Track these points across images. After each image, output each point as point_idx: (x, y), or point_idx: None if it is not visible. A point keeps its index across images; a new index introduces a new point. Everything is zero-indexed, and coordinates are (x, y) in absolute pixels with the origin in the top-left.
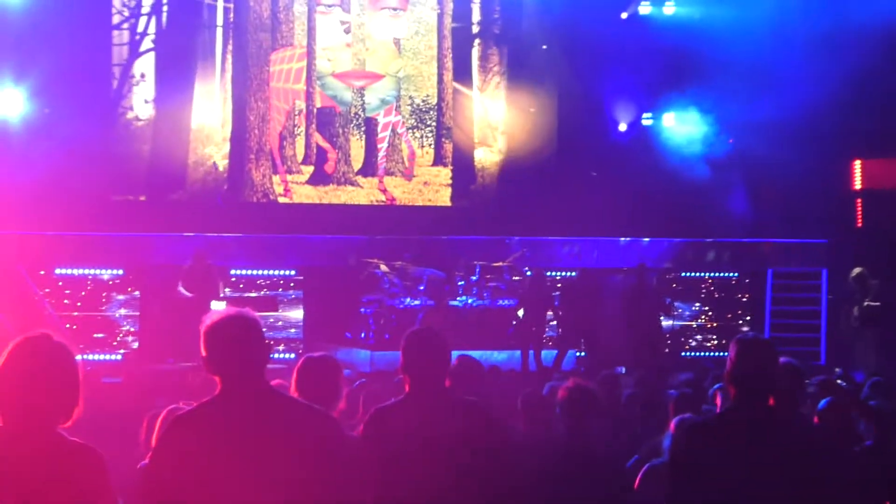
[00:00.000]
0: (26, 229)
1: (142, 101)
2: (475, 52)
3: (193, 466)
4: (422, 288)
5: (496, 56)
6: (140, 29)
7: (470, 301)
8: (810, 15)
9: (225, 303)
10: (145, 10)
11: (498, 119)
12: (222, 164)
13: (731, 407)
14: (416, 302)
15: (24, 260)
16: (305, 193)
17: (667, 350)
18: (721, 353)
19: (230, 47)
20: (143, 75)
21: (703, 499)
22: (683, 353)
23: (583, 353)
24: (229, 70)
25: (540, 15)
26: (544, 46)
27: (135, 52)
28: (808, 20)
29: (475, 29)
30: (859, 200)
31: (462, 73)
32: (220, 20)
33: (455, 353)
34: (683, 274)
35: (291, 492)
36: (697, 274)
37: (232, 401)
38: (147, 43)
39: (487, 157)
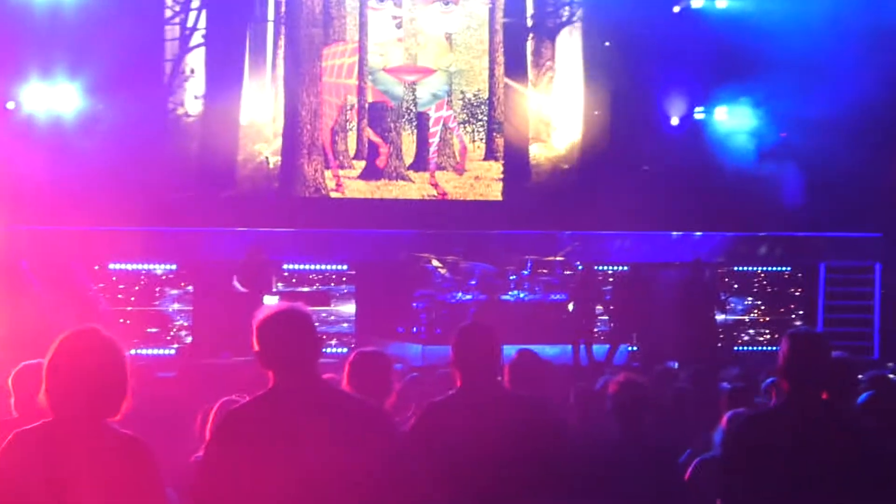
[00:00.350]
0: (80, 225)
1: (192, 97)
2: (528, 47)
3: (246, 460)
4: (473, 282)
5: (549, 51)
6: (190, 24)
7: (521, 295)
8: (865, 7)
9: (277, 297)
10: (195, 3)
11: (551, 114)
12: (273, 160)
13: (784, 401)
14: (468, 296)
15: (79, 255)
16: (357, 188)
17: (719, 345)
18: (773, 348)
19: (281, 42)
20: (192, 70)
21: (755, 493)
22: (736, 348)
23: (635, 348)
24: (280, 65)
25: (593, 9)
26: (607, 43)
27: (185, 47)
28: (863, 12)
29: (529, 23)
30: None
31: (515, 67)
32: (271, 14)
33: (512, 348)
34: (736, 268)
35: (344, 485)
36: (750, 268)
37: (285, 395)
38: (197, 38)
39: (540, 152)
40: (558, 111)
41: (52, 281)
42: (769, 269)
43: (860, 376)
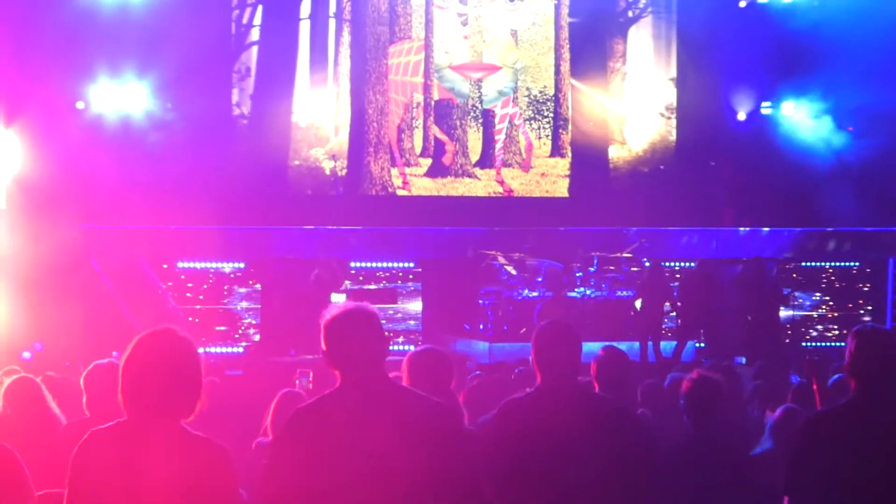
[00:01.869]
0: (148, 224)
1: (246, 97)
2: (596, 45)
3: (314, 458)
4: (540, 279)
5: (618, 48)
6: (245, 20)
7: (588, 292)
8: None
9: (345, 296)
10: None
11: (618, 110)
12: (328, 165)
13: (852, 399)
14: (535, 293)
15: (147, 254)
16: (423, 186)
17: (787, 340)
18: (842, 344)
19: (343, 40)
20: (248, 69)
21: (823, 490)
22: (804, 344)
23: (702, 345)
24: (343, 63)
25: (660, 6)
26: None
27: (240, 45)
28: None
29: (596, 21)
30: None
31: (583, 65)
32: (332, 10)
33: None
34: (804, 264)
35: (412, 483)
36: (818, 263)
37: (352, 393)
38: (253, 35)
39: (606, 148)
40: (626, 108)
41: (122, 280)
42: (837, 264)
43: None
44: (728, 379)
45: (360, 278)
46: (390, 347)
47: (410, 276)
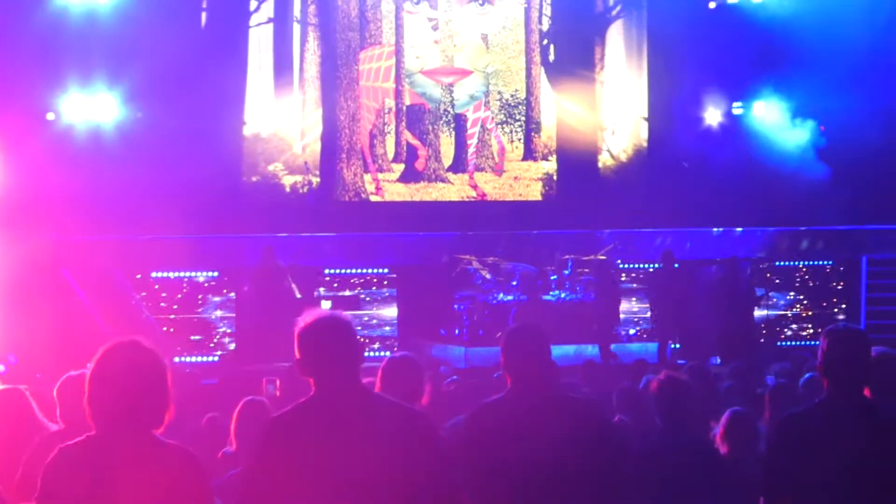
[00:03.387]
0: (121, 234)
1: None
2: (558, 50)
3: (289, 467)
4: (515, 283)
5: (598, 53)
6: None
7: (563, 295)
8: None
9: (330, 302)
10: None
11: (585, 113)
12: (289, 181)
13: (825, 398)
14: (510, 297)
15: (120, 264)
16: (397, 191)
17: (762, 340)
18: (816, 342)
19: (308, 46)
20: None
21: (797, 490)
22: (779, 343)
23: (677, 346)
24: (310, 69)
25: (631, 9)
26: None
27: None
28: None
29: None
30: None
31: (556, 69)
32: (296, 14)
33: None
34: (777, 263)
35: (387, 490)
36: (791, 263)
37: (327, 401)
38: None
39: (580, 151)
40: (602, 112)
41: (95, 291)
42: (811, 263)
43: None
44: (700, 380)
45: (335, 285)
46: (365, 354)
47: (385, 282)
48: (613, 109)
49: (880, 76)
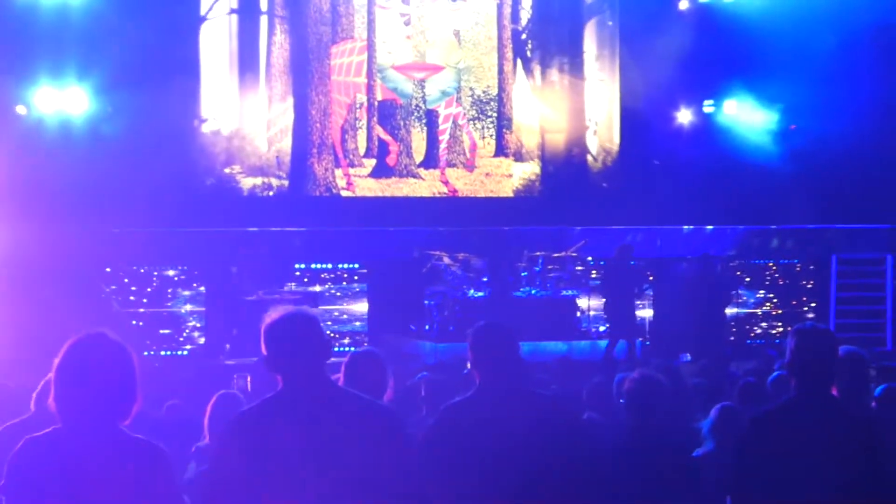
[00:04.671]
0: (91, 227)
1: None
2: (532, 45)
3: (256, 462)
4: (485, 279)
5: (558, 50)
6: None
7: (533, 292)
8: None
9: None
10: None
11: (560, 110)
12: (246, 184)
13: (792, 397)
14: (480, 293)
15: (90, 257)
16: (368, 186)
17: (732, 338)
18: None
19: (276, 39)
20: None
21: (765, 489)
22: (749, 341)
23: (647, 342)
24: (277, 64)
25: (601, 8)
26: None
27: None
28: (869, 5)
29: (526, 21)
30: None
31: (526, 66)
32: (263, 7)
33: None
34: (747, 261)
35: (354, 485)
36: (761, 261)
37: (293, 397)
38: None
39: (551, 147)
40: (569, 107)
41: (64, 283)
42: (781, 261)
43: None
44: (669, 378)
45: (305, 280)
46: (333, 350)
47: (356, 277)
48: (588, 107)
49: (851, 75)
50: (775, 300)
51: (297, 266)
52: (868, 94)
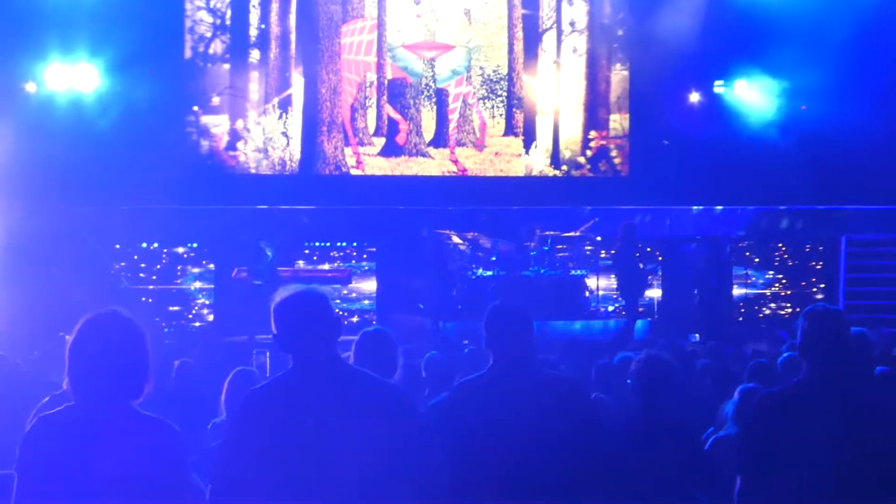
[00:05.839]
0: (100, 204)
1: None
2: (543, 25)
3: (267, 441)
4: (494, 258)
5: (565, 33)
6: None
7: (542, 271)
8: None
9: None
10: None
11: (573, 89)
12: (256, 161)
13: (803, 378)
14: (489, 273)
15: (100, 234)
16: (377, 165)
17: (741, 319)
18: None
19: (289, 18)
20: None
21: (776, 470)
22: (757, 322)
23: (649, 320)
24: (288, 43)
25: None
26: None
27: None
28: None
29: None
30: None
31: (534, 46)
32: None
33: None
34: (757, 242)
35: (364, 463)
36: (771, 242)
37: (304, 375)
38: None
39: (561, 127)
40: (579, 87)
41: (74, 261)
42: (790, 242)
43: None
44: (677, 358)
45: (315, 258)
46: (342, 329)
47: (365, 256)
48: (597, 87)
49: (864, 55)
50: (784, 281)
51: (306, 244)
52: (880, 74)
